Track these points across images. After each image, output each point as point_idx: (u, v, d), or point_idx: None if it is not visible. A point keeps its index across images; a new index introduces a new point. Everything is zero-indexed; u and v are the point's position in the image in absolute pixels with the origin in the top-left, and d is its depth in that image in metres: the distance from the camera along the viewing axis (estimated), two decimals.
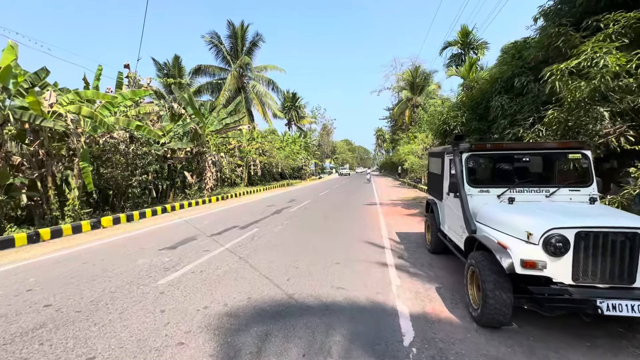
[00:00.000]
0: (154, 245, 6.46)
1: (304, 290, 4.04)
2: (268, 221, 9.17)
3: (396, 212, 11.08)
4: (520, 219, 3.22)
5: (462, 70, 19.91)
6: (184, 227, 8.56)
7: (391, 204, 13.47)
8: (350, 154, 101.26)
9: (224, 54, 31.23)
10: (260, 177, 28.15)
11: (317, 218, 9.80)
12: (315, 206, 12.78)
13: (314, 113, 60.25)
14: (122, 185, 11.31)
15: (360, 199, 15.78)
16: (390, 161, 53.64)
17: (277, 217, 10.02)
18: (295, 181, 35.57)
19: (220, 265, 5.03)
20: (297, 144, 39.84)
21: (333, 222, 9.00)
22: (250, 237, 7.08)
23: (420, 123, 35.90)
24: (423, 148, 27.50)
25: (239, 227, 8.33)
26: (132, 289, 4.04)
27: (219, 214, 11.00)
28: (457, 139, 4.30)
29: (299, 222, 9.07)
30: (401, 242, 6.82)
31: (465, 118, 9.78)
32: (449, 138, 10.67)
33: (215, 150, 20.29)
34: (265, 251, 5.86)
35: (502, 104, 7.91)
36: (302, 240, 6.80)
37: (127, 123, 10.24)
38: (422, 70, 41.98)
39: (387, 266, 5.14)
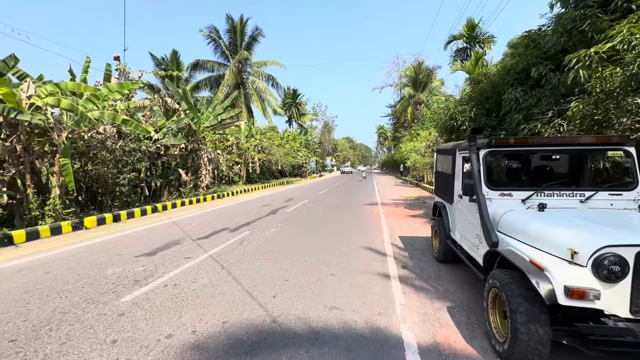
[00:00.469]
0: (132, 251, 5.84)
1: (292, 311, 3.41)
2: (261, 223, 8.55)
3: (399, 213, 10.44)
4: (559, 232, 2.57)
5: (467, 65, 19.14)
6: (171, 229, 7.95)
7: (393, 204, 12.82)
8: (351, 151, 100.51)
9: (222, 48, 30.54)
10: (259, 174, 27.53)
11: (314, 220, 9.16)
12: (313, 206, 12.15)
13: (315, 110, 59.56)
14: (109, 183, 10.72)
15: (361, 198, 15.13)
16: (392, 159, 52.92)
17: (272, 218, 9.39)
18: (295, 179, 34.94)
19: (198, 277, 4.41)
20: (297, 141, 39.18)
21: (331, 225, 8.37)
22: (239, 241, 6.45)
23: (423, 120, 35.25)
24: (426, 146, 26.82)
25: (229, 229, 7.71)
26: (89, 309, 3.43)
27: (211, 215, 10.39)
28: (474, 133, 3.64)
29: (294, 224, 8.44)
30: (405, 248, 6.18)
31: (474, 113, 9.10)
32: (455, 134, 10.01)
33: (211, 147, 19.68)
34: (253, 259, 5.23)
35: (516, 97, 7.23)
36: (296, 246, 6.17)
37: (113, 117, 9.62)
38: (425, 67, 41.22)
39: (389, 278, 4.51)
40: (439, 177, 5.78)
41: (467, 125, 9.16)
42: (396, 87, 50.14)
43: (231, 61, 30.17)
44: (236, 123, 17.53)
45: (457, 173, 4.55)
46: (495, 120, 9.10)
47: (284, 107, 47.22)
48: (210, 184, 18.83)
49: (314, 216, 9.75)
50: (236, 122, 17.76)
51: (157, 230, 7.89)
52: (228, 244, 6.19)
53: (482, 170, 3.58)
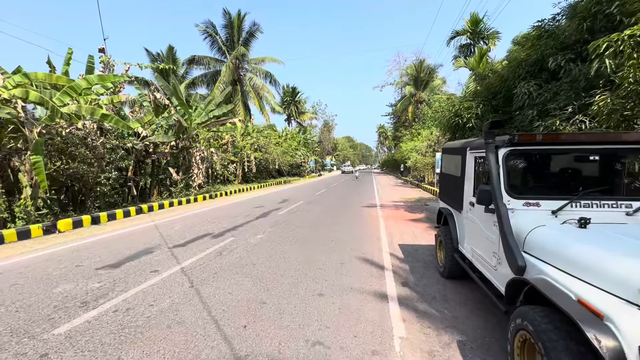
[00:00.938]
0: (95, 262, 5.16)
1: (264, 348, 2.73)
2: (249, 228, 7.85)
3: (398, 217, 9.74)
4: (621, 261, 1.87)
5: (471, 61, 18.45)
6: (149, 234, 7.26)
7: (393, 206, 12.13)
8: (351, 151, 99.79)
9: (219, 44, 29.81)
10: (256, 174, 26.85)
11: (307, 224, 8.47)
12: (308, 208, 11.46)
13: (314, 108, 58.80)
14: (89, 182, 10.03)
15: (359, 199, 14.44)
16: (392, 159, 52.23)
17: (262, 222, 8.70)
18: (293, 178, 34.26)
19: (159, 298, 3.71)
20: (295, 140, 38.47)
21: (325, 230, 7.67)
22: (219, 250, 5.75)
23: (425, 119, 34.53)
24: (427, 145, 26.15)
25: (212, 235, 7.02)
26: (7, 346, 2.74)
27: (197, 217, 9.69)
28: (493, 127, 2.95)
29: (285, 229, 7.75)
30: (405, 259, 5.49)
31: (481, 110, 8.40)
32: (461, 133, 9.31)
33: (205, 146, 18.99)
34: (230, 274, 4.54)
35: (529, 91, 6.53)
36: (282, 256, 5.48)
37: (92, 111, 8.92)
38: (427, 65, 40.53)
39: (387, 299, 3.82)
40: (444, 179, 5.09)
41: (473, 123, 8.47)
42: (397, 85, 49.43)
43: (228, 57, 29.46)
44: (230, 120, 16.83)
45: (468, 176, 3.86)
46: (503, 118, 8.41)
47: (282, 105, 46.52)
48: (203, 183, 18.16)
49: (307, 220, 9.05)
50: (230, 119, 17.06)
51: (133, 235, 7.19)
52: (206, 254, 5.50)
53: (502, 174, 2.89)
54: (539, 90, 6.48)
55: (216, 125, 16.92)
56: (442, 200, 5.10)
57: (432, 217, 9.62)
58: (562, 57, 5.92)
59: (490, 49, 18.70)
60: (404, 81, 45.57)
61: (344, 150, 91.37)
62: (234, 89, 30.93)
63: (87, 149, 9.59)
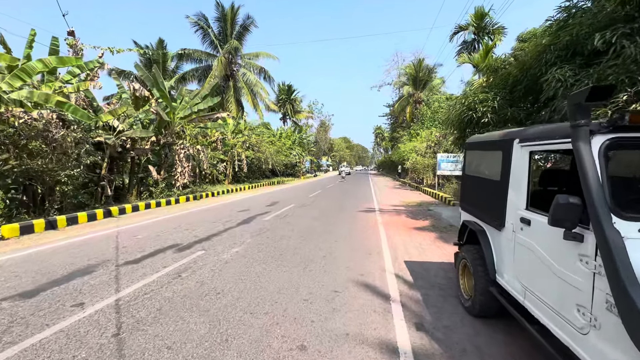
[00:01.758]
0: (11, 286, 3.90)
1: None
2: (226, 237, 6.63)
3: (400, 224, 8.59)
4: None
5: (476, 57, 17.43)
6: (103, 245, 6.00)
7: (393, 211, 10.98)
8: (348, 151, 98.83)
9: (211, 38, 28.53)
10: (248, 174, 25.59)
11: (295, 233, 7.27)
12: (299, 213, 10.26)
13: (310, 108, 57.61)
14: (47, 181, 8.73)
15: (355, 203, 13.26)
16: (389, 160, 51.28)
17: (242, 230, 7.48)
18: (287, 179, 33.04)
19: (58, 357, 2.49)
20: (290, 139, 37.26)
21: (316, 241, 6.48)
22: (179, 270, 4.53)
23: (424, 119, 33.54)
24: (427, 146, 25.12)
25: (178, 247, 5.78)
26: None
27: (170, 222, 8.44)
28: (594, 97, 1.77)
29: (268, 240, 6.54)
30: (415, 283, 4.31)
31: (498, 102, 7.28)
32: (473, 129, 8.18)
33: (191, 142, 17.72)
34: (180, 310, 3.32)
35: (564, 77, 5.41)
36: (258, 280, 4.28)
37: (45, 98, 7.64)
38: (426, 65, 39.66)
39: (397, 355, 2.64)
40: (470, 183, 3.90)
41: (489, 118, 7.34)
42: (395, 85, 48.59)
43: (220, 52, 28.18)
44: (217, 115, 15.57)
45: (516, 179, 2.69)
46: (524, 112, 7.30)
47: (278, 103, 45.32)
48: (189, 183, 16.89)
49: (296, 228, 7.86)
50: (217, 114, 15.79)
51: (83, 246, 5.93)
52: (159, 276, 4.27)
53: (603, 177, 1.73)
54: (576, 77, 5.36)
55: (203, 120, 15.67)
56: (467, 210, 3.92)
57: (438, 225, 8.49)
58: (612, 33, 4.79)
59: (497, 45, 17.68)
60: (402, 81, 44.68)
61: (341, 151, 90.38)
62: (226, 85, 29.67)
63: (44, 142, 8.30)
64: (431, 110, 32.33)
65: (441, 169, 18.43)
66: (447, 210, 11.17)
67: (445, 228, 8.09)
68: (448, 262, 5.26)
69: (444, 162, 18.59)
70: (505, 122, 7.40)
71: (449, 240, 6.76)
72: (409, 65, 41.07)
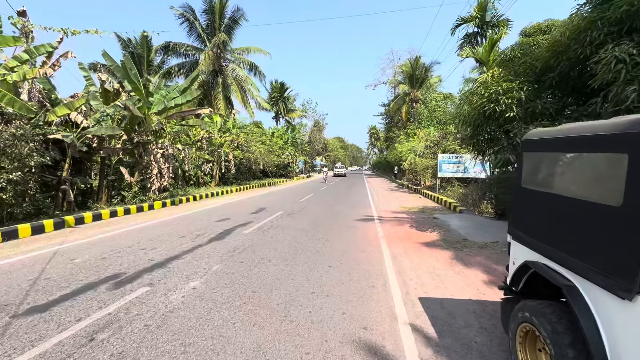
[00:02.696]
0: None
1: None
2: (187, 263, 5.21)
3: (405, 237, 7.27)
4: None
5: (480, 51, 16.25)
6: (20, 275, 4.54)
7: (394, 220, 9.67)
8: (342, 151, 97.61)
9: (198, 31, 26.96)
10: (237, 174, 24.11)
11: (277, 254, 5.90)
12: (286, 223, 8.88)
13: (304, 107, 56.18)
14: None
15: (351, 209, 11.93)
16: (384, 160, 50.15)
17: (213, 249, 6.07)
18: (280, 180, 31.59)
19: None
20: (281, 138, 35.82)
21: (302, 267, 5.11)
22: (96, 328, 3.10)
23: (421, 119, 32.39)
24: (425, 146, 23.95)
25: (116, 280, 4.34)
26: None
27: (127, 238, 6.99)
28: None
29: (239, 268, 5.14)
30: (441, 343, 2.96)
31: (525, 93, 6.00)
32: (490, 125, 6.90)
33: (171, 141, 16.21)
34: None
35: (625, 57, 4.13)
36: (211, 347, 2.89)
37: None
38: (422, 63, 38.61)
39: None
40: (537, 203, 2.48)
41: (515, 112, 6.05)
42: (390, 84, 47.51)
43: (208, 45, 26.64)
44: (199, 111, 14.08)
45: None
46: (558, 104, 6.03)
47: (270, 101, 43.85)
48: (169, 185, 15.39)
49: (279, 245, 6.48)
50: (199, 109, 14.30)
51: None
52: (60, 340, 2.84)
53: None
54: None
55: (183, 116, 14.17)
56: (526, 243, 2.55)
57: (449, 239, 7.20)
58: None
59: (502, 38, 16.51)
60: (397, 80, 43.61)
61: (335, 151, 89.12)
62: (214, 81, 28.14)
63: None
64: (428, 110, 31.26)
65: (442, 171, 17.22)
66: (454, 218, 9.90)
67: (458, 244, 6.80)
68: (477, 301, 3.94)
69: (445, 163, 17.38)
70: (534, 117, 6.13)
71: (468, 263, 5.46)
72: (405, 63, 39.96)
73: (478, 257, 5.84)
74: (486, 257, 5.86)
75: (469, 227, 8.50)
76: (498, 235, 7.56)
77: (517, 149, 6.18)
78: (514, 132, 6.03)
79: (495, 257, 5.89)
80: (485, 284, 4.56)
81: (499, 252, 6.22)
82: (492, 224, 8.93)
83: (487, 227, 8.50)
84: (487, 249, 6.42)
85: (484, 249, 6.42)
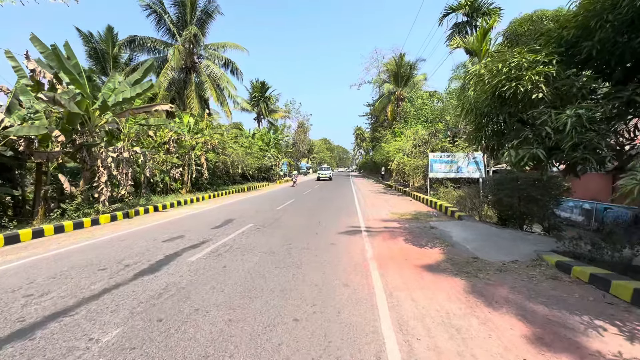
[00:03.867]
0: None
1: None
2: (74, 324, 3.42)
3: (401, 257, 5.66)
4: None
5: (471, 40, 15.02)
6: None
7: (385, 230, 8.08)
8: (328, 153, 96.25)
9: (167, 25, 24.85)
10: (213, 179, 22.11)
11: (221, 298, 4.15)
12: (252, 241, 7.15)
13: (287, 107, 54.41)
14: None
15: (335, 218, 10.29)
16: (370, 161, 48.99)
17: (129, 294, 4.27)
18: (261, 184, 29.69)
19: None
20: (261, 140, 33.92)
21: (253, 324, 3.40)
22: None
23: (407, 117, 31.24)
24: (413, 145, 22.67)
25: None
26: None
27: (21, 274, 5.09)
28: None
29: (151, 332, 3.38)
30: None
31: (556, 68, 4.52)
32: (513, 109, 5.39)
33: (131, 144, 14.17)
34: None
35: None
36: None
37: None
38: (407, 61, 37.63)
39: None
40: None
41: (544, 92, 4.56)
42: (375, 83, 46.47)
43: (179, 39, 24.57)
44: (157, 107, 12.14)
45: None
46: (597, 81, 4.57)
47: (251, 102, 41.91)
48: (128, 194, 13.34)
49: (230, 280, 4.73)
50: (157, 105, 12.35)
51: None
52: None
53: None
54: None
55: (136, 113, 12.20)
56: None
57: (456, 258, 5.65)
58: None
59: (493, 27, 15.33)
60: (382, 79, 42.58)
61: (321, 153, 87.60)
62: (187, 79, 26.07)
63: None
64: (415, 108, 30.18)
65: (434, 172, 15.87)
66: (454, 227, 8.41)
67: (469, 265, 5.25)
68: None
69: (437, 162, 16.04)
70: (566, 99, 4.65)
71: (493, 302, 3.89)
72: (389, 61, 38.86)
73: (502, 289, 4.29)
74: (512, 289, 4.32)
75: (476, 240, 7.00)
76: (514, 250, 6.07)
77: (547, 142, 4.72)
78: (542, 120, 4.54)
79: (524, 287, 4.35)
80: (530, 343, 2.99)
81: (526, 278, 4.70)
82: (500, 234, 7.47)
83: (496, 239, 7.02)
84: (509, 274, 4.89)
85: (504, 274, 4.89)
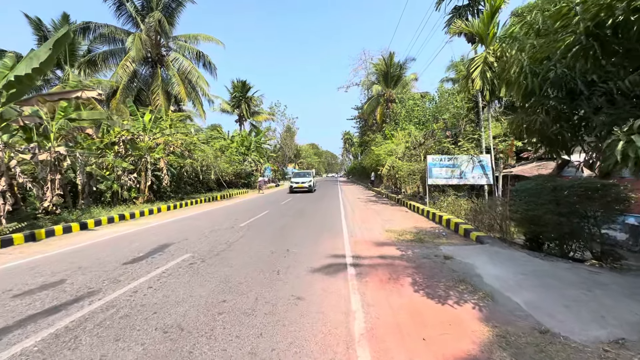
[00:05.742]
0: None
1: None
2: None
3: (412, 326, 3.05)
4: None
5: (475, 24, 12.77)
6: None
7: (382, 264, 5.46)
8: (316, 158, 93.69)
9: (129, 11, 21.94)
10: (177, 187, 19.14)
11: None
12: (158, 299, 4.40)
13: (272, 109, 51.72)
14: None
15: (311, 240, 7.62)
16: (359, 166, 46.68)
17: None
18: (239, 191, 26.76)
19: None
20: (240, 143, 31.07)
21: None
22: None
23: (397, 119, 29.08)
24: (406, 147, 20.35)
25: None
26: None
27: None
28: None
29: None
30: None
31: None
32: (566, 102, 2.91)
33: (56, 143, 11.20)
34: None
35: None
36: None
37: None
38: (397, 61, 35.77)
39: None
40: None
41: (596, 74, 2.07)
42: (363, 85, 44.54)
43: (142, 28, 21.67)
44: (78, 93, 9.26)
45: None
46: None
47: (232, 102, 39.10)
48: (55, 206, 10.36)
49: None
50: (78, 91, 9.46)
51: None
52: None
53: None
54: None
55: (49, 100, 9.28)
56: None
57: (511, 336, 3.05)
58: None
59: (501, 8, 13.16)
60: (371, 80, 40.67)
61: (308, 158, 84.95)
62: (152, 73, 23.11)
63: None
64: (406, 109, 28.12)
65: (433, 177, 13.44)
66: (478, 255, 5.85)
67: (544, 356, 2.66)
68: None
69: (437, 167, 13.60)
70: None
71: None
72: (378, 61, 36.89)
73: None
74: None
75: (524, 284, 4.45)
76: (600, 309, 3.45)
77: None
78: None
79: None
80: None
81: None
82: (555, 272, 4.93)
83: (554, 282, 4.46)
84: None
85: None
